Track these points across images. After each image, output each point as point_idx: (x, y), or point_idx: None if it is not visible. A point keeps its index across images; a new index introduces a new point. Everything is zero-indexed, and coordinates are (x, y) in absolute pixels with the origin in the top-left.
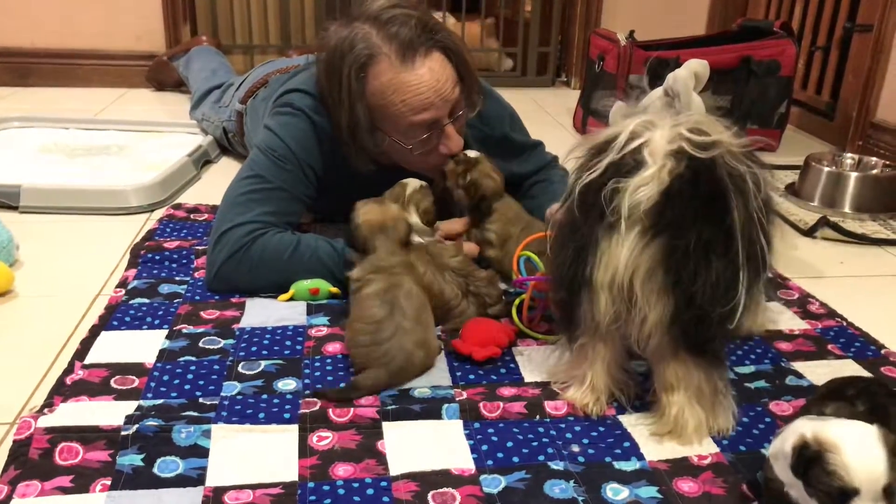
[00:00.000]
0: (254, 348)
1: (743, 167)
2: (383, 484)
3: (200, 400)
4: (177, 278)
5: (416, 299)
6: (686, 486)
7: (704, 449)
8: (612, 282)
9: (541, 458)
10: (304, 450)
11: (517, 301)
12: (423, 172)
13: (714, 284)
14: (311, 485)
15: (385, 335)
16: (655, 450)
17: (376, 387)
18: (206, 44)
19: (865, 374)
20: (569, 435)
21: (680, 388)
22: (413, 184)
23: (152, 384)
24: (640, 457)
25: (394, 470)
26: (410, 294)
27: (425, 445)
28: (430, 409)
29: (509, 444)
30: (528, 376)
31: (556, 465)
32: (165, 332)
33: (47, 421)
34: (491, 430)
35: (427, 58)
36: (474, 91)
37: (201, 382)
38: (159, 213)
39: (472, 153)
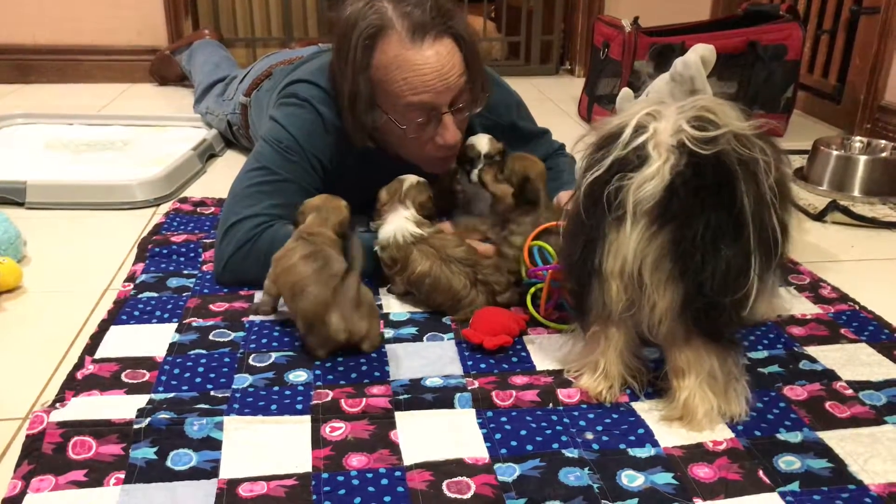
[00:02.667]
0: (264, 340)
1: (755, 150)
2: (397, 474)
3: (212, 393)
4: (185, 272)
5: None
6: (702, 471)
7: (719, 434)
8: (622, 270)
9: (555, 445)
10: (318, 441)
11: (532, 290)
12: (421, 166)
13: (724, 272)
14: (325, 475)
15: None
16: (670, 436)
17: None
18: (208, 37)
19: (879, 358)
20: (582, 422)
21: (691, 373)
22: (410, 179)
23: (163, 378)
24: (655, 443)
25: (407, 460)
26: (333, 264)
27: (438, 435)
28: (442, 399)
29: (523, 432)
30: (540, 364)
31: (571, 453)
32: (175, 325)
33: (59, 415)
34: (504, 419)
35: (437, 41)
36: (479, 85)
37: (212, 375)
38: (165, 207)
39: (481, 137)
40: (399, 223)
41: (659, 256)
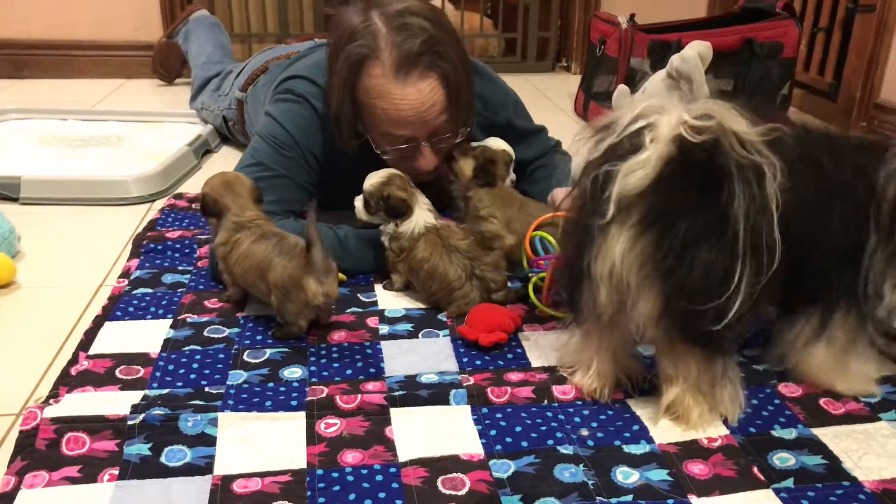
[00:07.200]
0: (259, 336)
1: (759, 157)
2: (392, 470)
3: (206, 389)
4: (180, 268)
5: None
6: (696, 468)
7: (714, 431)
8: (610, 274)
9: (550, 442)
10: (312, 437)
11: (535, 279)
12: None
13: (703, 275)
14: (319, 472)
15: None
16: (665, 433)
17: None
18: (200, 10)
19: None
20: (577, 419)
21: (679, 379)
22: (393, 175)
23: (157, 374)
24: (650, 440)
25: (402, 456)
26: (288, 237)
27: (433, 431)
28: (437, 395)
29: (518, 428)
30: (535, 361)
31: (566, 450)
32: (169, 321)
33: (53, 411)
34: (499, 415)
35: (421, 79)
36: (461, 122)
37: (207, 371)
38: (160, 203)
39: (492, 142)
40: (422, 215)
41: (643, 259)
